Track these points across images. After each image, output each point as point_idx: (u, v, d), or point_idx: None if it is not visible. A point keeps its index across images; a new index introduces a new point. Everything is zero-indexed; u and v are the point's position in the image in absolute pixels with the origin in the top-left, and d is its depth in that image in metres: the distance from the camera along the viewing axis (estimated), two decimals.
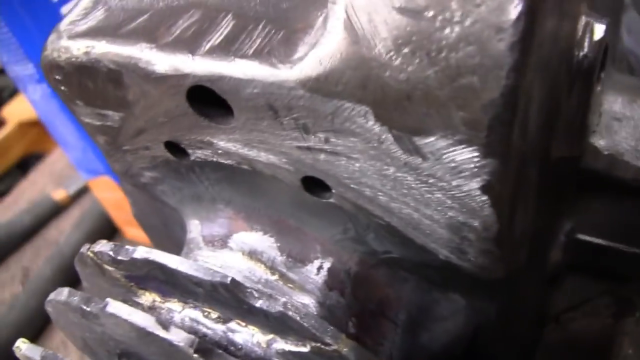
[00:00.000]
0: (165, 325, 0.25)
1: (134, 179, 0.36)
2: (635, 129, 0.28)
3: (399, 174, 0.24)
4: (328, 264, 0.30)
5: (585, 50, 0.26)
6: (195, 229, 0.34)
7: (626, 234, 0.30)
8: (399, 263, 0.29)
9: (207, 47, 0.26)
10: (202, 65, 0.25)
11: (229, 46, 0.25)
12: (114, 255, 0.28)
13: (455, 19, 0.20)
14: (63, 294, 0.28)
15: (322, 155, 0.26)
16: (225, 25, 0.26)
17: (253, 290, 0.26)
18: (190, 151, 0.30)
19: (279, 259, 0.31)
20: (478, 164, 0.22)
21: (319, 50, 0.23)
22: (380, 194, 0.26)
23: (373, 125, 0.23)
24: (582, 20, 0.26)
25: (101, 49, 0.27)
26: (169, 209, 0.37)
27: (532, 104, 0.22)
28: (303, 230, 0.30)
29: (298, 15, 0.25)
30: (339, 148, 0.25)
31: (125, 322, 0.25)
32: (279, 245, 0.31)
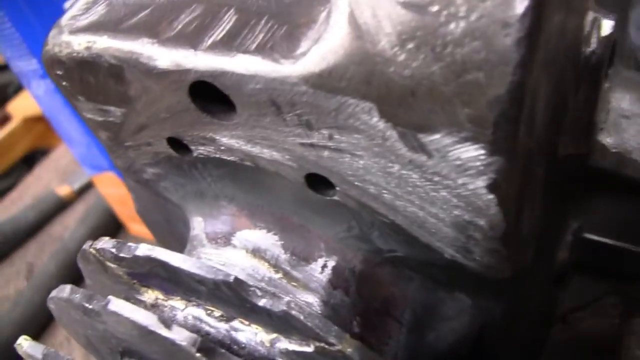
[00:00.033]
0: (167, 323, 0.24)
1: (136, 175, 0.36)
2: None
3: (403, 172, 0.24)
4: (332, 262, 0.30)
5: (593, 46, 0.26)
6: (198, 226, 0.34)
7: (634, 233, 0.30)
8: (404, 262, 0.29)
9: (209, 42, 0.25)
10: (204, 60, 0.25)
11: (231, 41, 0.25)
12: (116, 252, 0.28)
13: (461, 13, 0.19)
14: (65, 291, 0.28)
15: (326, 152, 0.25)
16: (228, 20, 0.26)
17: (256, 289, 0.26)
18: (192, 147, 0.30)
19: (283, 256, 0.30)
20: (484, 162, 0.22)
21: (322, 45, 0.23)
22: (384, 191, 0.26)
23: (377, 122, 0.23)
24: (590, 15, 0.26)
25: (102, 44, 0.27)
26: (171, 205, 0.36)
27: (539, 100, 0.22)
28: (307, 228, 0.30)
29: (301, 10, 0.25)
30: (343, 145, 0.24)
31: (127, 320, 0.25)
32: (282, 243, 0.31)
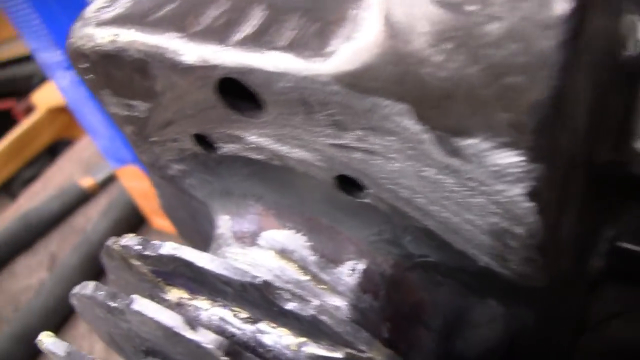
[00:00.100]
0: (192, 325, 0.24)
1: (161, 171, 0.35)
2: None
3: (438, 176, 0.23)
4: (362, 265, 0.29)
5: (630, 50, 0.25)
6: (224, 224, 0.33)
7: None
8: (435, 267, 0.28)
9: (238, 38, 0.25)
10: (232, 56, 0.24)
11: (260, 37, 0.24)
12: (141, 250, 0.28)
13: (498, 14, 0.19)
14: (89, 288, 0.28)
15: (358, 154, 0.25)
16: (257, 15, 0.25)
17: (284, 292, 0.25)
18: (219, 145, 0.29)
19: (311, 258, 0.30)
20: (523, 169, 0.21)
21: (354, 43, 0.22)
22: (418, 195, 0.25)
23: (412, 124, 0.22)
24: (627, 17, 0.25)
25: (127, 37, 0.27)
26: (197, 202, 0.36)
27: (580, 105, 0.21)
28: (336, 230, 0.29)
29: (333, 7, 0.24)
30: (376, 147, 0.24)
31: (151, 321, 0.25)
32: (311, 244, 0.30)
